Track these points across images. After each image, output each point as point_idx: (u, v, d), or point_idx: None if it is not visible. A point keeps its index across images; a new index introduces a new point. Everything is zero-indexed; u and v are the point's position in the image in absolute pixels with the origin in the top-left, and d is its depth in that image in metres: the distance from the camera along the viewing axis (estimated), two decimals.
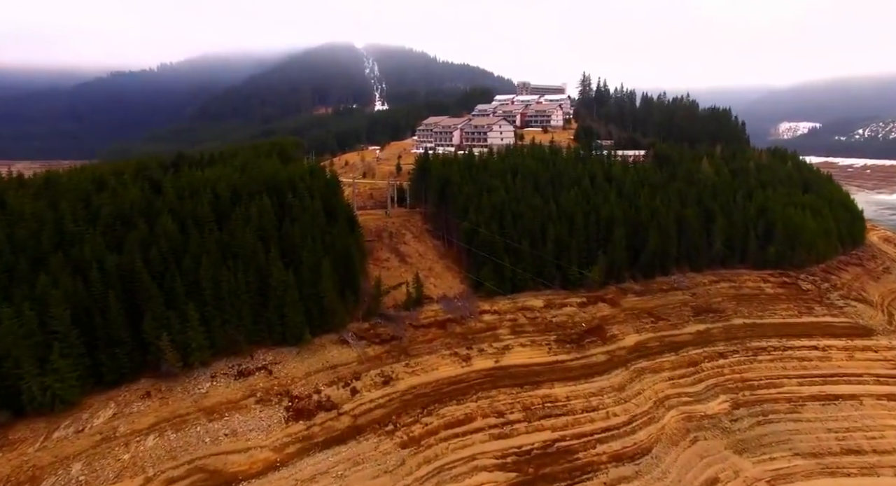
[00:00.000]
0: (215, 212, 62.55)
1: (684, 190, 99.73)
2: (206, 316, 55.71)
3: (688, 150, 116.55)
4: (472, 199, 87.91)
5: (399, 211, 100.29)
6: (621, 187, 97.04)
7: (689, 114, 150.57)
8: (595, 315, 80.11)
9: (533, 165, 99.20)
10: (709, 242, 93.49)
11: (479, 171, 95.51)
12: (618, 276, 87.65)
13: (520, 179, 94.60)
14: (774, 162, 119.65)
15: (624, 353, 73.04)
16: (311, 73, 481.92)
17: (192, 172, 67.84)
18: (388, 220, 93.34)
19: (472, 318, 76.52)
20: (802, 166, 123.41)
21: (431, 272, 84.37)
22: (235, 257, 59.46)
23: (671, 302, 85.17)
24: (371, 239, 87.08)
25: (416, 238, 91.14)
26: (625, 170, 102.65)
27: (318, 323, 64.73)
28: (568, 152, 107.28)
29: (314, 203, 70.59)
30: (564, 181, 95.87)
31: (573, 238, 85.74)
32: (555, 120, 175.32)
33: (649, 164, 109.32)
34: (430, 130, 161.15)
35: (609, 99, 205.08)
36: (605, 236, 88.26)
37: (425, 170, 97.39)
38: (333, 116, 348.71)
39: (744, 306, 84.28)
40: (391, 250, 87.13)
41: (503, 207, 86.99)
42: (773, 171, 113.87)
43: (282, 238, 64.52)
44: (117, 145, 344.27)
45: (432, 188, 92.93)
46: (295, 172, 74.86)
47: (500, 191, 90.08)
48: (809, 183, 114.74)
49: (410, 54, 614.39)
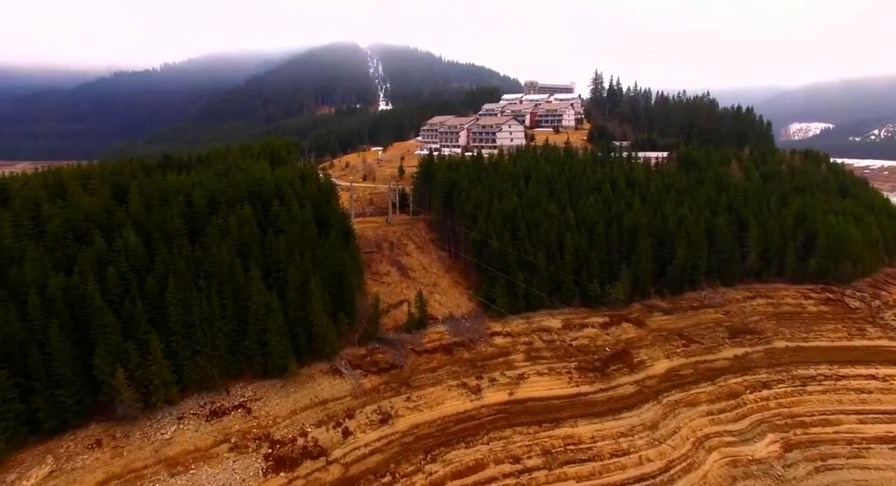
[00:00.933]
0: (188, 223, 54.39)
1: (713, 196, 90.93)
2: (173, 346, 47.56)
3: (714, 151, 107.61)
4: (481, 206, 79.51)
5: (401, 218, 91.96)
6: (645, 193, 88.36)
7: (710, 114, 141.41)
8: (619, 337, 71.49)
9: (547, 168, 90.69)
10: (742, 253, 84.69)
11: (489, 174, 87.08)
12: (642, 292, 79.02)
13: (533, 183, 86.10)
14: (808, 165, 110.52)
15: (654, 382, 64.40)
16: (315, 72, 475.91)
17: (164, 178, 59.62)
18: (388, 228, 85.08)
19: (482, 341, 68.08)
20: (837, 169, 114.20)
21: (436, 288, 75.97)
22: (209, 276, 51.26)
23: (703, 322, 76.46)
24: (369, 250, 78.82)
25: (420, 249, 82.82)
26: (647, 174, 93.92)
27: (307, 351, 56.52)
28: (584, 154, 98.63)
29: (304, 212, 62.37)
30: (582, 186, 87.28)
31: (594, 250, 77.19)
32: (566, 120, 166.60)
33: (673, 167, 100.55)
34: (434, 130, 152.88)
35: (622, 98, 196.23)
36: (629, 248, 79.63)
37: (430, 173, 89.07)
38: (336, 116, 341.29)
39: (785, 326, 75.46)
40: (392, 262, 78.83)
41: (516, 214, 78.50)
42: (807, 174, 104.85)
43: (265, 253, 56.27)
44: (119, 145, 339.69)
45: (437, 194, 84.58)
46: (283, 176, 66.69)
47: (513, 197, 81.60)
48: (846, 188, 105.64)
49: (415, 54, 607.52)
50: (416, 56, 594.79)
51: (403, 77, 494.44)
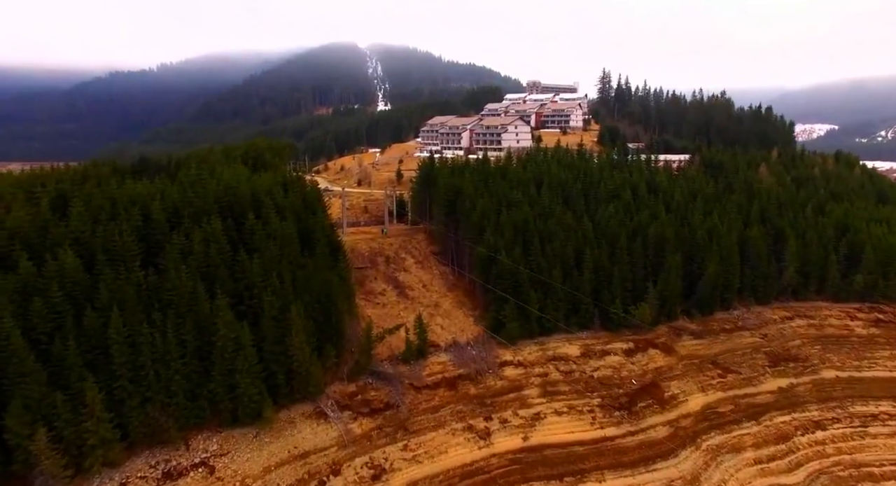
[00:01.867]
0: (143, 242, 45.69)
1: (744, 204, 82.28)
2: (117, 395, 38.89)
3: (740, 154, 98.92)
4: (488, 216, 70.81)
5: (398, 228, 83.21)
6: (669, 201, 79.69)
7: (730, 114, 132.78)
8: (646, 367, 62.79)
9: (561, 173, 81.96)
10: (779, 268, 75.98)
11: (496, 180, 78.37)
12: (669, 312, 70.29)
13: (546, 190, 77.40)
14: (841, 169, 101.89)
15: (690, 422, 55.69)
16: (313, 72, 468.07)
17: (117, 187, 50.79)
18: (384, 240, 76.34)
19: (491, 373, 59.38)
20: (872, 173, 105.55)
21: (438, 310, 67.23)
22: (166, 306, 42.57)
23: (739, 347, 67.78)
24: (362, 266, 70.14)
25: (419, 264, 74.11)
26: (671, 179, 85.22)
27: (286, 391, 47.83)
28: (600, 158, 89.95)
29: (285, 226, 53.66)
30: (600, 193, 78.58)
31: (616, 266, 68.46)
32: (574, 120, 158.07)
33: (696, 171, 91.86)
34: (435, 130, 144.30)
35: (631, 98, 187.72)
36: (655, 263, 70.93)
37: (430, 178, 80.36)
38: (333, 117, 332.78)
39: (831, 351, 66.84)
40: (388, 279, 70.10)
41: (527, 226, 69.82)
42: (841, 179, 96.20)
43: (236, 277, 47.55)
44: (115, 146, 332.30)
45: (439, 201, 75.85)
46: (262, 184, 57.96)
47: (524, 206, 72.91)
48: (884, 194, 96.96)
49: (414, 54, 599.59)
50: (415, 56, 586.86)
51: (403, 77, 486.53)
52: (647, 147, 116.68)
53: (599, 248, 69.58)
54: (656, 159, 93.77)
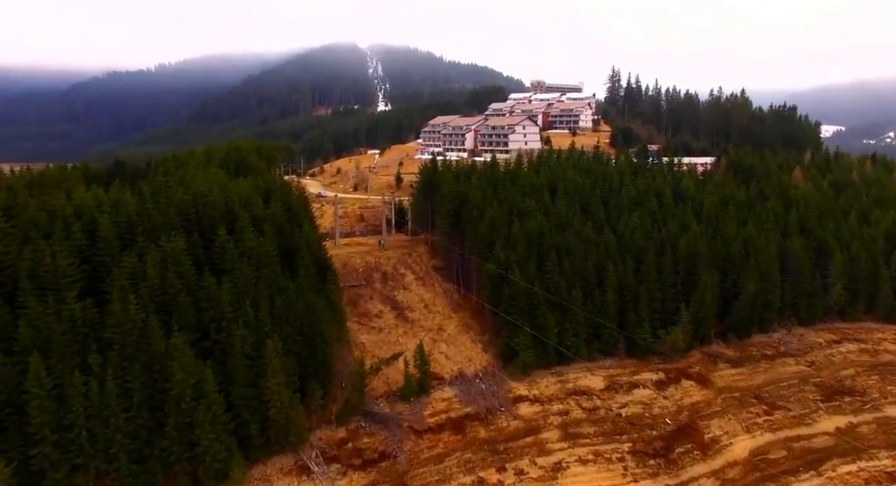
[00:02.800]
0: (85, 265, 37.67)
1: (780, 212, 74.13)
2: (35, 464, 30.79)
3: (770, 156, 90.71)
4: (498, 227, 62.73)
5: (397, 239, 75.17)
6: (698, 210, 71.53)
7: (751, 114, 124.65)
8: (681, 402, 54.63)
9: (577, 178, 73.85)
10: (824, 285, 67.80)
11: (506, 186, 70.27)
12: (703, 336, 62.13)
13: (562, 198, 69.28)
14: (878, 173, 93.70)
15: (738, 473, 47.56)
16: (313, 73, 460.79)
17: (50, 197, 42.63)
18: (381, 253, 68.27)
19: (503, 411, 51.26)
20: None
21: (441, 335, 59.10)
22: (107, 346, 34.48)
23: (783, 377, 59.61)
24: (356, 284, 62.10)
25: (420, 281, 66.00)
26: (698, 185, 77.05)
27: (260, 443, 39.79)
28: (620, 161, 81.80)
29: (263, 242, 45.59)
30: (622, 201, 70.44)
31: (642, 284, 60.31)
32: (583, 120, 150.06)
33: (723, 176, 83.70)
34: (437, 131, 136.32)
35: (641, 97, 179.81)
36: (686, 281, 62.75)
37: (433, 184, 72.27)
38: (332, 118, 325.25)
39: (893, 383, 58.55)
40: (385, 299, 62.01)
41: (542, 239, 61.71)
42: (881, 184, 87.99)
43: (200, 306, 39.48)
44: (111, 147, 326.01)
45: (442, 210, 67.74)
46: (239, 192, 49.91)
47: (538, 216, 64.77)
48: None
49: (415, 54, 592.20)
50: (416, 56, 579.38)
51: (403, 78, 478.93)
52: (665, 149, 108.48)
53: (624, 263, 61.48)
54: (679, 163, 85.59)
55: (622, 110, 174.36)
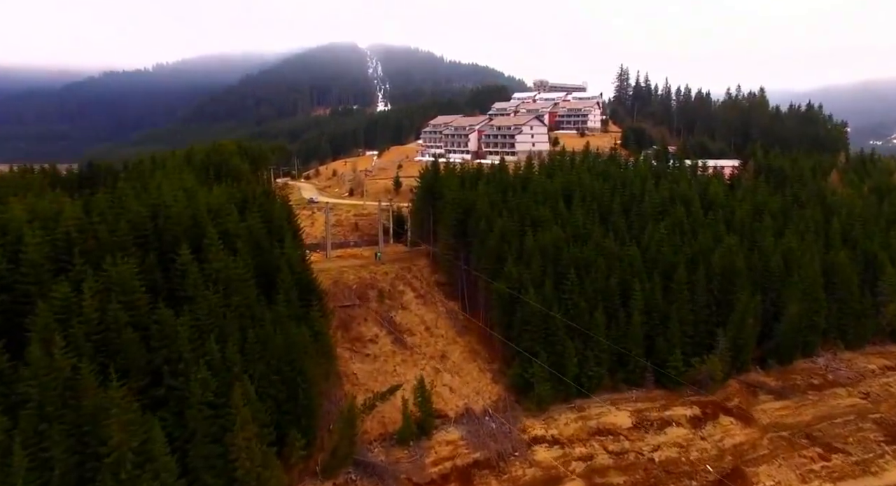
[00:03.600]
0: (5, 296, 30.45)
1: (820, 221, 66.92)
2: None
3: (802, 159, 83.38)
4: (509, 239, 55.56)
5: (395, 251, 68.08)
6: (729, 219, 64.31)
7: (774, 114, 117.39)
8: (722, 444, 47.42)
9: (594, 183, 66.65)
10: (875, 304, 60.59)
11: (517, 192, 63.08)
12: (740, 364, 54.88)
13: (578, 205, 62.07)
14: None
15: None
16: (311, 73, 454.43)
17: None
18: (378, 268, 61.14)
19: (518, 456, 44.05)
20: None
21: (445, 363, 51.92)
22: (20, 405, 27.27)
23: (836, 411, 52.41)
24: (348, 304, 54.94)
25: (421, 299, 58.83)
26: (726, 191, 69.79)
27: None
28: (640, 164, 74.60)
29: (234, 262, 38.34)
30: (646, 209, 63.20)
31: (673, 305, 53.09)
32: (592, 121, 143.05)
33: (753, 180, 76.45)
34: (438, 131, 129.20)
35: (651, 97, 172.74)
36: (722, 300, 55.51)
37: (434, 190, 65.14)
38: (331, 118, 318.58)
39: None
40: (381, 320, 54.83)
41: (559, 253, 54.52)
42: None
43: (150, 347, 32.23)
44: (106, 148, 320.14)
45: (446, 219, 60.59)
46: (210, 202, 42.69)
47: (553, 226, 57.57)
48: None
49: (416, 54, 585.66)
50: (416, 56, 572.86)
51: (404, 77, 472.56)
52: (682, 151, 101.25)
53: (651, 281, 54.29)
54: (704, 166, 78.31)
55: (631, 110, 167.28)
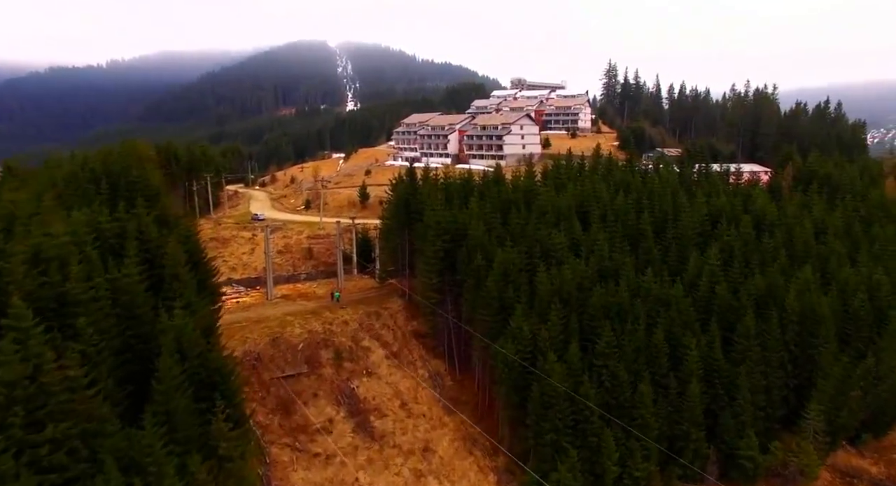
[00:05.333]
0: None
1: (893, 240, 53.94)
2: None
3: (846, 162, 70.68)
4: (514, 277, 40.39)
5: (361, 286, 52.21)
6: (787, 242, 50.51)
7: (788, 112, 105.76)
8: None
9: (616, 198, 52.03)
10: None
11: (521, 210, 47.88)
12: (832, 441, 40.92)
13: (598, 227, 47.32)
14: None
15: None
16: (277, 71, 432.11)
17: None
18: (335, 313, 45.11)
19: None
20: None
21: (430, 461, 36.34)
22: None
23: None
24: (293, 373, 38.83)
25: (394, 358, 43.04)
26: (770, 205, 56.07)
27: None
28: (667, 174, 60.38)
29: (68, 354, 21.64)
30: (684, 232, 48.85)
31: (741, 367, 38.86)
32: (582, 120, 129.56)
33: (796, 190, 63.26)
34: (412, 131, 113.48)
35: (641, 95, 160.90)
36: (801, 358, 41.55)
37: (411, 207, 49.44)
38: (296, 118, 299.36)
39: None
40: (338, 395, 38.96)
41: (585, 297, 39.68)
42: None
43: None
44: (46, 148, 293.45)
45: (427, 247, 44.83)
46: (49, 244, 25.82)
47: (571, 258, 42.63)
48: None
49: (387, 52, 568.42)
50: (388, 54, 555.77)
51: (375, 76, 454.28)
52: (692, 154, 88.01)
53: (707, 333, 39.93)
54: (738, 173, 64.72)
55: (621, 110, 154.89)
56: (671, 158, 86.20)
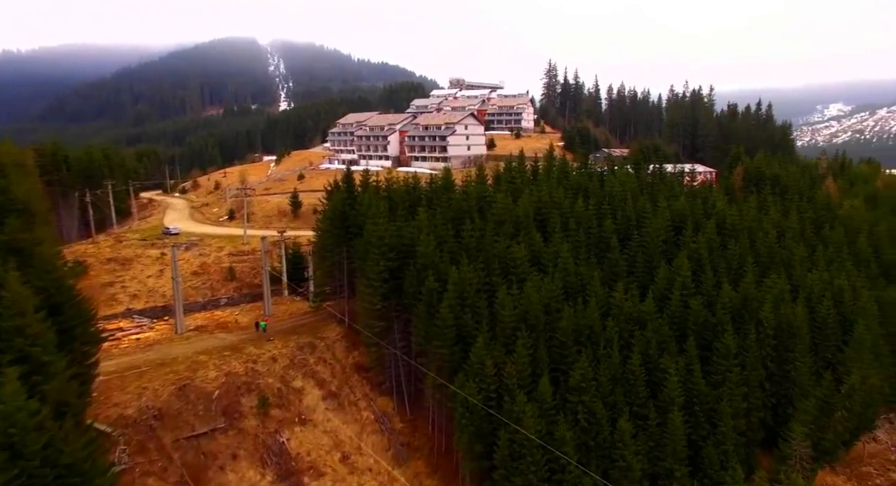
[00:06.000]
0: None
1: (844, 243, 53.14)
2: None
3: (789, 164, 70.47)
4: (473, 300, 34.79)
5: (292, 310, 44.94)
6: (752, 245, 48.13)
7: (725, 113, 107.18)
8: None
9: (575, 204, 47.73)
10: None
11: (475, 221, 42.35)
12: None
13: (559, 236, 42.70)
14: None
15: None
16: (202, 68, 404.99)
17: None
18: (261, 348, 37.81)
19: None
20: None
21: None
22: None
23: None
24: (206, 430, 31.28)
25: (333, 399, 36.43)
26: (737, 207, 53.84)
27: None
28: (619, 175, 56.90)
29: None
30: (650, 239, 45.17)
31: (721, 389, 35.30)
32: (526, 120, 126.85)
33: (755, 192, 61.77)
34: (349, 132, 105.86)
35: (582, 95, 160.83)
36: (777, 375, 38.68)
37: (350, 220, 42.79)
38: (224, 118, 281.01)
39: None
40: (263, 452, 31.89)
41: (553, 321, 34.76)
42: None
43: None
44: None
45: (369, 266, 38.29)
46: None
47: (532, 274, 37.63)
48: None
49: (321, 51, 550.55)
50: (322, 53, 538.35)
51: (308, 75, 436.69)
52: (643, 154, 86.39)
53: (684, 354, 36.13)
54: (692, 174, 62.59)
55: (562, 110, 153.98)
56: (618, 159, 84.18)
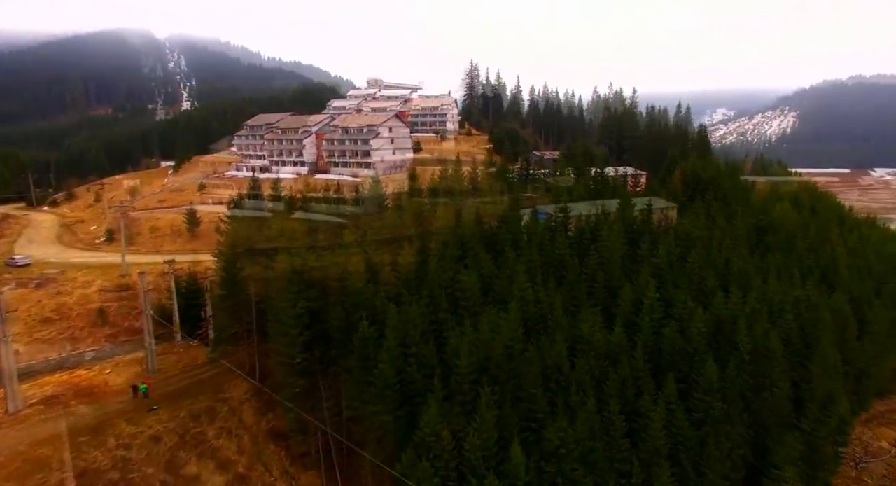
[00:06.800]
0: None
1: (784, 248, 52.08)
2: None
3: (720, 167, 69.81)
4: (417, 346, 27.69)
5: (185, 360, 35.23)
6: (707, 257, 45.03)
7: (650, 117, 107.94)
8: None
9: (524, 224, 42.05)
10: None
11: (410, 243, 35.20)
12: None
13: (514, 259, 36.74)
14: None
15: None
16: (87, 61, 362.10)
17: None
18: (138, 426, 28.12)
19: None
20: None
21: None
22: None
23: None
24: None
25: (240, 483, 27.65)
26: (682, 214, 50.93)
27: None
28: (561, 178, 52.18)
29: None
30: (608, 255, 40.42)
31: (705, 429, 30.96)
32: (451, 122, 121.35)
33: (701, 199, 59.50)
34: (258, 135, 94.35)
35: (503, 97, 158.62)
36: (754, 402, 35.11)
37: (257, 246, 34.00)
38: (115, 119, 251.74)
39: None
40: None
41: (516, 366, 28.50)
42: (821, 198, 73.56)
43: None
44: None
45: (283, 305, 29.86)
46: None
47: (488, 308, 31.24)
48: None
49: (228, 49, 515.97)
50: (229, 51, 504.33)
51: (214, 74, 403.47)
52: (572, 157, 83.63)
53: (662, 392, 31.39)
54: (636, 178, 59.50)
55: (485, 111, 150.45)
56: (548, 162, 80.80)
